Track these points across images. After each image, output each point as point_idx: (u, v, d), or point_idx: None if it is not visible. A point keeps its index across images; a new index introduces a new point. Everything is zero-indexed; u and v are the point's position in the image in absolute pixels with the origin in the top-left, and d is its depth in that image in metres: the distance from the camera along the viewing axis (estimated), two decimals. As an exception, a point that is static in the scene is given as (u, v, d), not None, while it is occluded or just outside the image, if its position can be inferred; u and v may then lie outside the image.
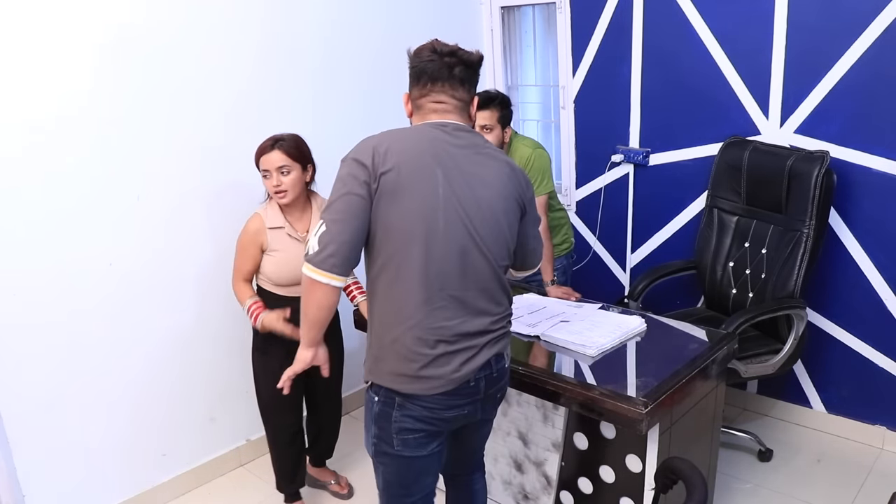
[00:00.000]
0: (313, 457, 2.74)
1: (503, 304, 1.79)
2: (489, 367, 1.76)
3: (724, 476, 2.63)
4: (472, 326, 1.70)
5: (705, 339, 2.21)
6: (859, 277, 2.72)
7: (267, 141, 2.29)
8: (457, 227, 1.66)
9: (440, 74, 1.70)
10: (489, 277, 1.72)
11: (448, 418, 1.75)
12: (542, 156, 2.67)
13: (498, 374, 1.80)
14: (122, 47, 2.39)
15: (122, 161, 2.44)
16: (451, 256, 1.66)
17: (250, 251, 2.32)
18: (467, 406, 1.76)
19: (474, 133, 1.78)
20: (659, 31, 3.04)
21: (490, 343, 1.75)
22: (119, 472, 2.61)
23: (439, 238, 1.65)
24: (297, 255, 2.28)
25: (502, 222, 1.73)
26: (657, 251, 3.31)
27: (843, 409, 2.89)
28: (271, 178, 2.26)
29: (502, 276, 1.77)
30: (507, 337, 1.82)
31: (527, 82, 3.77)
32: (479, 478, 2.08)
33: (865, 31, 2.50)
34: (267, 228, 2.30)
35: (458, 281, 1.67)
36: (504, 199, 1.73)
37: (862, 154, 2.61)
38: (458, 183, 1.67)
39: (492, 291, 1.74)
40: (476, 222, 1.68)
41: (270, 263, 2.32)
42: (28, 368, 2.33)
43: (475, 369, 1.72)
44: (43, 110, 2.24)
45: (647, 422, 1.80)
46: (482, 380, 1.75)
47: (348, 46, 3.04)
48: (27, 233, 2.27)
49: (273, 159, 2.25)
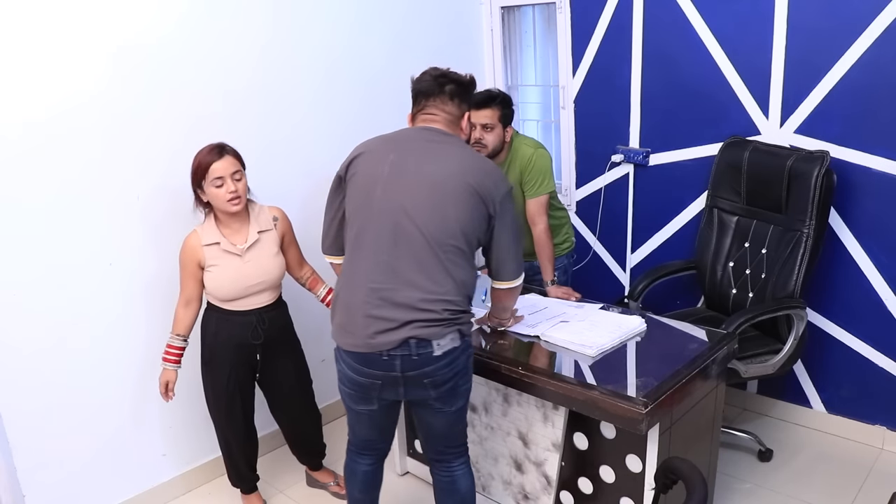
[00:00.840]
0: (307, 462, 2.75)
1: (443, 287, 1.82)
2: (408, 348, 1.82)
3: (724, 476, 2.63)
4: (400, 296, 1.81)
5: (705, 339, 2.21)
6: (859, 277, 2.72)
7: (210, 149, 2.23)
8: (393, 196, 1.83)
9: (432, 91, 1.93)
10: (422, 250, 1.81)
11: (363, 384, 1.90)
12: (543, 155, 2.67)
13: (420, 359, 1.83)
14: (124, 49, 2.39)
15: (122, 161, 2.44)
16: (385, 223, 1.83)
17: (189, 268, 2.30)
18: (382, 380, 1.87)
19: (446, 134, 1.91)
20: (659, 32, 3.03)
21: (416, 324, 1.80)
22: (119, 472, 2.61)
23: (375, 206, 1.85)
24: (234, 269, 2.29)
25: (446, 200, 1.81)
26: (657, 251, 3.31)
27: (843, 409, 2.89)
28: (226, 184, 2.21)
29: (444, 258, 1.82)
30: (442, 328, 1.83)
31: (527, 82, 3.77)
32: (457, 467, 2.09)
33: (865, 31, 2.49)
34: (203, 245, 2.28)
35: (391, 247, 1.82)
36: (453, 178, 1.82)
37: (862, 154, 2.61)
38: (408, 161, 1.86)
39: (427, 266, 1.81)
40: (414, 193, 1.82)
41: (209, 280, 2.31)
42: (28, 368, 2.33)
43: (390, 343, 1.81)
44: (44, 110, 2.24)
45: (647, 422, 1.81)
46: (398, 358, 1.82)
47: (348, 46, 3.04)
48: (27, 233, 2.27)
49: (226, 166, 2.21)
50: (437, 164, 1.85)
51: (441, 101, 1.92)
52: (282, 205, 2.49)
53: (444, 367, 1.86)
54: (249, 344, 2.38)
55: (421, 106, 1.95)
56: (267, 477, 2.83)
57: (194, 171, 2.23)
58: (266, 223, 2.37)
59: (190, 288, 2.33)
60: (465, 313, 1.91)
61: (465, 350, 1.93)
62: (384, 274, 1.82)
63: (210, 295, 2.36)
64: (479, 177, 1.85)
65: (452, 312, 1.85)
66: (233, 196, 2.22)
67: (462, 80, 1.96)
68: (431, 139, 1.91)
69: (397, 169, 1.85)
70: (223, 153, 2.24)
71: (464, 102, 1.96)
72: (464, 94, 1.95)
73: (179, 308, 2.36)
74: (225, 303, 2.34)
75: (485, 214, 1.87)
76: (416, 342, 1.81)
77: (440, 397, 1.92)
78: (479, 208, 1.85)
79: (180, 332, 2.37)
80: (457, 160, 1.87)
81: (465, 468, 2.11)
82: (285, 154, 2.87)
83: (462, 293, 1.88)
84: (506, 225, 1.91)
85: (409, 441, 2.77)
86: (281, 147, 2.86)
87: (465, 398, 2.00)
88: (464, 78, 1.97)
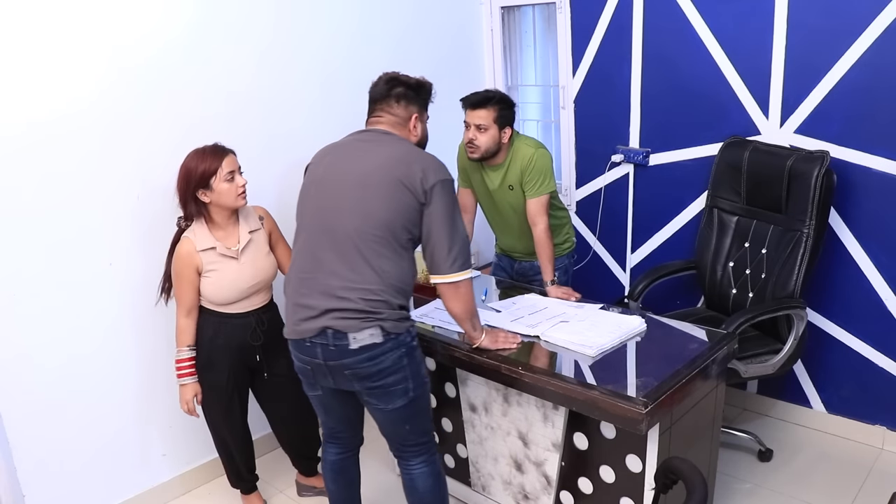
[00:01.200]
0: (302, 465, 2.74)
1: (361, 276, 1.88)
2: (325, 337, 1.90)
3: (724, 476, 2.63)
4: (320, 284, 1.91)
5: (705, 339, 2.21)
6: (859, 277, 2.72)
7: (212, 150, 2.24)
8: (323, 194, 1.97)
9: (379, 95, 2.04)
10: (345, 241, 1.89)
11: (302, 370, 2.04)
12: (543, 155, 2.67)
13: (337, 350, 1.89)
14: (126, 50, 2.39)
15: (122, 161, 2.44)
16: (315, 220, 1.96)
17: (187, 276, 2.27)
18: (311, 366, 1.97)
19: (386, 133, 2.01)
20: (659, 31, 3.03)
21: (334, 314, 1.87)
22: (119, 472, 2.61)
23: (309, 206, 2.00)
24: (232, 271, 2.30)
25: (370, 193, 1.89)
26: (657, 251, 3.31)
27: (843, 408, 2.89)
28: (236, 178, 2.25)
29: (364, 248, 1.87)
30: (359, 321, 1.87)
31: (527, 82, 3.77)
32: (414, 466, 2.12)
33: (865, 31, 2.49)
34: (198, 251, 2.26)
35: (318, 241, 1.94)
36: (378, 171, 1.91)
37: (862, 154, 2.61)
38: (340, 161, 2.00)
39: (347, 257, 1.88)
40: (340, 189, 1.94)
41: (208, 285, 2.29)
42: (28, 368, 2.33)
43: (310, 331, 1.91)
44: (44, 109, 2.25)
45: (647, 422, 1.80)
46: (318, 346, 1.92)
47: (349, 47, 3.04)
48: (27, 232, 2.27)
49: (233, 161, 2.27)
50: (364, 161, 1.95)
51: (387, 105, 2.03)
52: (279, 208, 2.51)
53: (363, 361, 1.90)
54: (250, 346, 2.38)
55: (370, 110, 2.07)
56: (267, 477, 2.83)
57: (199, 173, 2.20)
58: (254, 223, 2.39)
59: (189, 297, 2.30)
60: (389, 308, 1.90)
61: (395, 349, 1.92)
62: (310, 263, 1.95)
63: (207, 300, 2.34)
64: (404, 168, 1.91)
65: (371, 303, 1.88)
66: (243, 189, 2.27)
67: (410, 83, 2.04)
68: (367, 139, 2.02)
69: (330, 169, 2.00)
70: (226, 151, 2.27)
71: (411, 104, 2.04)
72: (412, 96, 2.04)
73: (181, 319, 2.32)
74: (222, 306, 2.34)
75: (413, 205, 1.91)
76: (333, 333, 1.88)
77: (371, 393, 1.97)
78: (406, 199, 1.89)
79: (188, 343, 2.33)
80: (384, 155, 1.95)
81: (424, 467, 2.12)
82: (284, 156, 2.87)
83: (385, 283, 1.90)
84: (437, 214, 1.91)
85: (409, 441, 2.77)
86: (280, 149, 2.86)
87: (405, 399, 1.99)
88: (412, 81, 2.05)
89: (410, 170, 1.90)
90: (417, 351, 2.02)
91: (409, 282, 1.99)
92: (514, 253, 2.95)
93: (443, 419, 2.57)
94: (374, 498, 2.66)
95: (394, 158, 1.93)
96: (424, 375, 2.06)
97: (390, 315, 1.91)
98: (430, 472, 2.13)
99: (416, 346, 2.01)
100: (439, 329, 2.32)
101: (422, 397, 2.06)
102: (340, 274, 1.89)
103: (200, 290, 2.31)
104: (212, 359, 2.37)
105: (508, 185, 2.70)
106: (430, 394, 2.17)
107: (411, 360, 1.98)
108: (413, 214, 1.92)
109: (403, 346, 1.96)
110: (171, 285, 2.35)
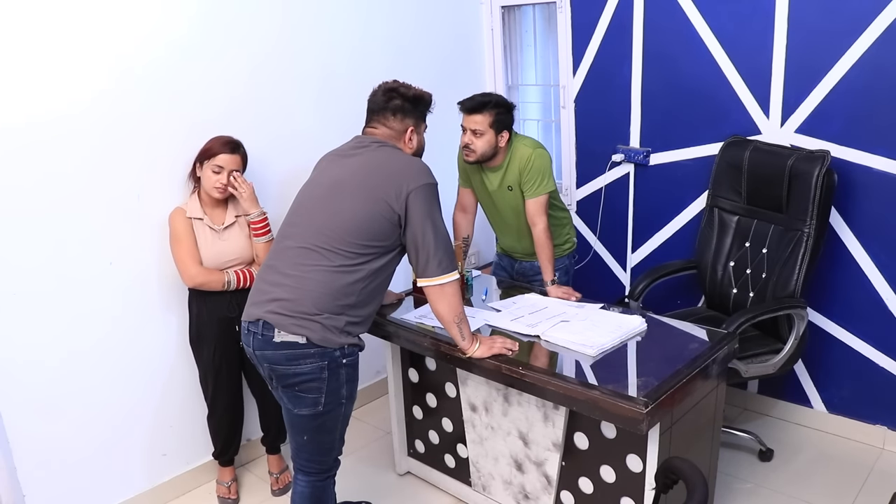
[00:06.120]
0: (268, 441, 2.80)
1: (313, 282, 1.92)
2: (257, 326, 1.94)
3: (724, 476, 2.63)
4: (274, 273, 1.97)
5: (706, 338, 2.21)
6: (860, 277, 2.71)
7: (227, 141, 2.47)
8: (305, 196, 2.06)
9: (377, 107, 2.06)
10: (305, 240, 1.94)
11: (247, 352, 2.04)
12: (542, 155, 2.67)
13: (262, 340, 1.92)
14: (128, 50, 2.39)
15: (122, 161, 2.44)
16: (294, 212, 2.05)
17: (190, 235, 2.46)
18: (249, 350, 2.00)
19: (377, 142, 2.03)
20: (659, 31, 3.03)
21: (271, 304, 1.91)
22: (119, 472, 2.60)
23: (296, 198, 2.08)
24: (212, 242, 2.49)
25: (340, 198, 1.95)
26: (657, 251, 3.30)
27: (844, 408, 2.89)
28: (221, 175, 2.44)
29: (327, 254, 1.92)
30: (290, 323, 1.89)
31: (527, 82, 3.77)
32: (300, 481, 2.13)
33: (865, 31, 2.49)
34: (189, 217, 2.47)
35: (288, 229, 2.02)
36: (353, 177, 1.97)
37: (863, 154, 2.61)
38: (328, 167, 2.07)
39: (307, 256, 1.94)
40: (319, 188, 2.02)
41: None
42: (28, 368, 2.33)
43: (250, 316, 1.97)
44: (45, 109, 2.24)
45: (648, 421, 1.80)
46: (251, 334, 1.96)
47: (349, 48, 3.04)
48: (27, 232, 2.27)
49: (231, 161, 2.46)
50: (346, 167, 2.01)
51: (383, 117, 2.05)
52: (280, 208, 2.51)
53: (282, 358, 1.92)
54: (227, 317, 2.52)
55: (367, 119, 2.10)
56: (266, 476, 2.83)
57: (205, 149, 2.46)
58: (243, 211, 2.54)
59: (196, 252, 2.46)
60: (328, 320, 1.89)
61: (317, 359, 1.91)
62: (276, 253, 2.02)
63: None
64: (381, 177, 1.94)
65: (310, 310, 1.90)
66: (221, 187, 2.45)
67: (408, 96, 2.05)
68: (357, 146, 2.05)
69: (318, 175, 2.09)
70: (236, 151, 2.48)
71: (408, 117, 2.05)
72: (409, 108, 2.05)
73: (200, 271, 2.46)
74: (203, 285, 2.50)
75: (385, 213, 1.92)
76: (264, 324, 1.93)
77: (284, 391, 2.00)
78: (377, 208, 1.92)
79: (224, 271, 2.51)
80: (364, 162, 1.99)
81: (305, 487, 2.11)
82: (286, 157, 2.87)
83: (332, 293, 1.91)
84: (416, 220, 1.93)
85: (410, 441, 2.77)
86: (282, 150, 2.86)
87: (312, 409, 1.97)
88: (410, 93, 2.05)
89: (388, 179, 1.93)
90: (344, 370, 1.97)
91: (366, 298, 1.97)
92: (514, 253, 2.94)
93: (443, 419, 2.57)
94: (374, 498, 2.66)
95: (372, 166, 1.97)
96: (343, 397, 2.01)
97: (327, 325, 1.90)
98: (308, 495, 2.10)
99: (344, 364, 1.97)
100: (439, 329, 2.32)
101: (331, 416, 2.01)
102: (291, 274, 1.93)
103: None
104: (200, 333, 2.55)
105: (507, 186, 2.70)
106: (343, 419, 2.08)
107: (332, 376, 1.95)
108: (383, 224, 1.93)
109: (328, 359, 1.93)
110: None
